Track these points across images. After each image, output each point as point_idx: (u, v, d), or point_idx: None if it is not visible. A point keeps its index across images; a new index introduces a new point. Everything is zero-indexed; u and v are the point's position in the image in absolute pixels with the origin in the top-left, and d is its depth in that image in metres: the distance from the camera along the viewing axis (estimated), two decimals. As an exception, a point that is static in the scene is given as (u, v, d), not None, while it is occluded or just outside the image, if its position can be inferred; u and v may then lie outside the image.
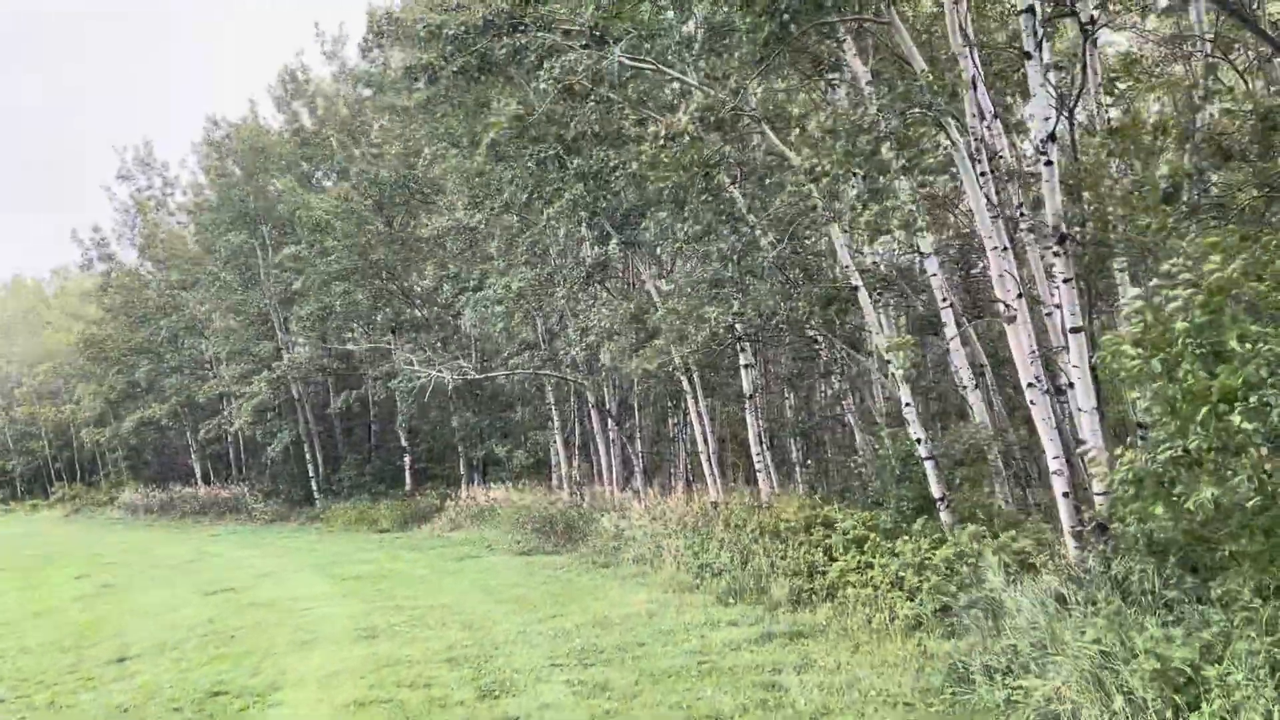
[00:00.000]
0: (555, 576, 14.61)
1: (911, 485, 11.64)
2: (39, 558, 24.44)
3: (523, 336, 24.26)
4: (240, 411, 29.91)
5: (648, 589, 12.55)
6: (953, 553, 9.06)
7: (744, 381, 15.80)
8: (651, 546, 14.94)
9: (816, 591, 10.17)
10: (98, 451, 42.61)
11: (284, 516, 31.39)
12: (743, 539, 12.54)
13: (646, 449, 21.62)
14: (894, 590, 9.12)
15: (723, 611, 10.44)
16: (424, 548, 21.06)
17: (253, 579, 16.86)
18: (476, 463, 28.26)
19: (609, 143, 14.38)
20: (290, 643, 10.48)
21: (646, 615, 10.49)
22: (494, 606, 11.99)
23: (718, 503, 15.94)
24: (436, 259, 24.67)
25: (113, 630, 12.59)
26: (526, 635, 9.89)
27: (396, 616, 11.64)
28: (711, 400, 20.14)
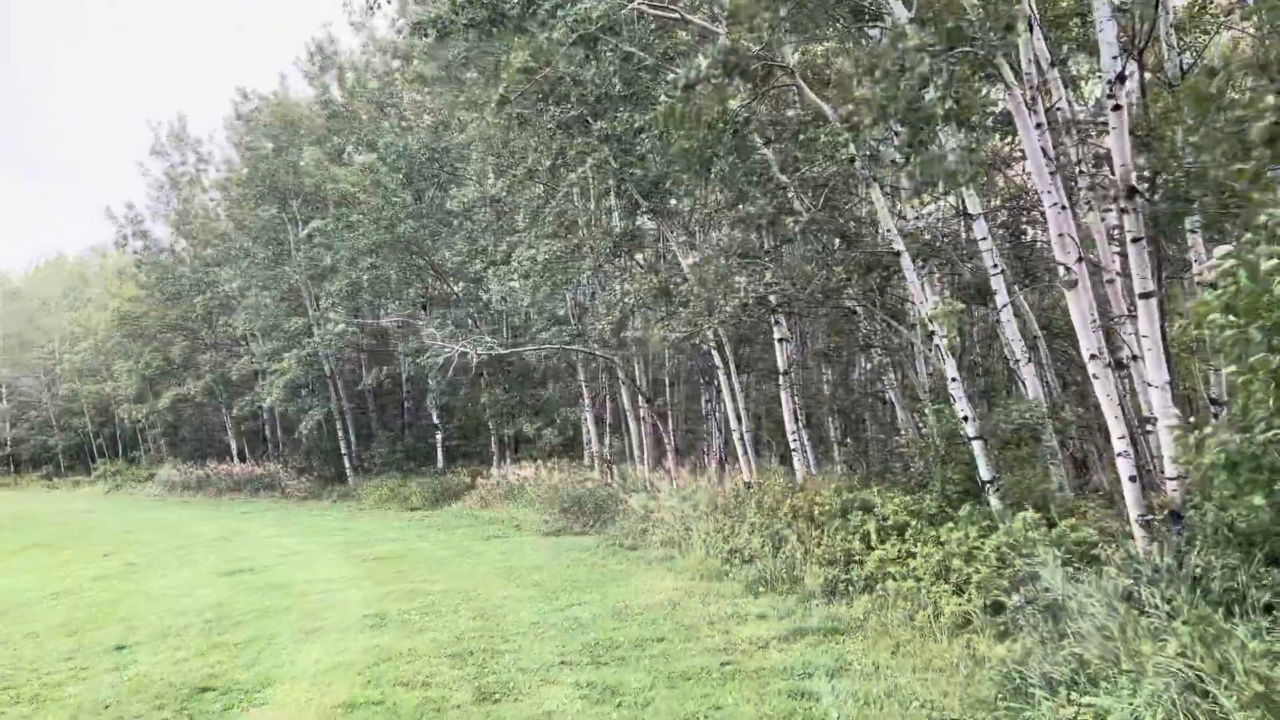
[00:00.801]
0: (579, 560, 13.98)
1: (957, 467, 10.79)
2: (74, 534, 24.34)
3: (551, 311, 23.61)
4: (271, 388, 29.65)
5: (674, 575, 11.85)
6: (1004, 542, 8.21)
7: (778, 356, 14.97)
8: (680, 529, 14.26)
9: (853, 582, 9.39)
10: (137, 428, 42.83)
11: (317, 494, 31.22)
12: (775, 523, 11.80)
13: (678, 427, 20.89)
14: (939, 583, 8.30)
15: (751, 603, 9.70)
16: (451, 527, 20.62)
17: (274, 559, 16.46)
18: (508, 440, 27.74)
19: (633, 103, 13.57)
20: (295, 631, 9.94)
21: (669, 606, 9.79)
22: (512, 592, 11.38)
23: (751, 484, 15.18)
24: (464, 232, 24.01)
25: (123, 613, 12.19)
26: (540, 626, 9.24)
27: (409, 602, 11.06)
28: (745, 377, 19.35)
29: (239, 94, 30.71)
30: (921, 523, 9.61)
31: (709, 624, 8.82)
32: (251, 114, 30.59)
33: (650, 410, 20.05)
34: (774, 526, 11.74)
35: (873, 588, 9.08)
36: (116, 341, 38.39)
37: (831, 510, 10.61)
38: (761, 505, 12.98)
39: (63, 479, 44.93)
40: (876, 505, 10.23)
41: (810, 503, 11.21)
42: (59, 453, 46.35)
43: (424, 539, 18.35)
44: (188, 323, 35.05)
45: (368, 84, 29.31)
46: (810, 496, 11.43)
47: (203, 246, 34.30)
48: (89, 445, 46.34)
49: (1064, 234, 7.98)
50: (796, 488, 13.35)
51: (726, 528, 12.95)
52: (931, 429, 11.57)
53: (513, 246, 19.57)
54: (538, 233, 19.13)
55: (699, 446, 22.20)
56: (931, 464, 11.15)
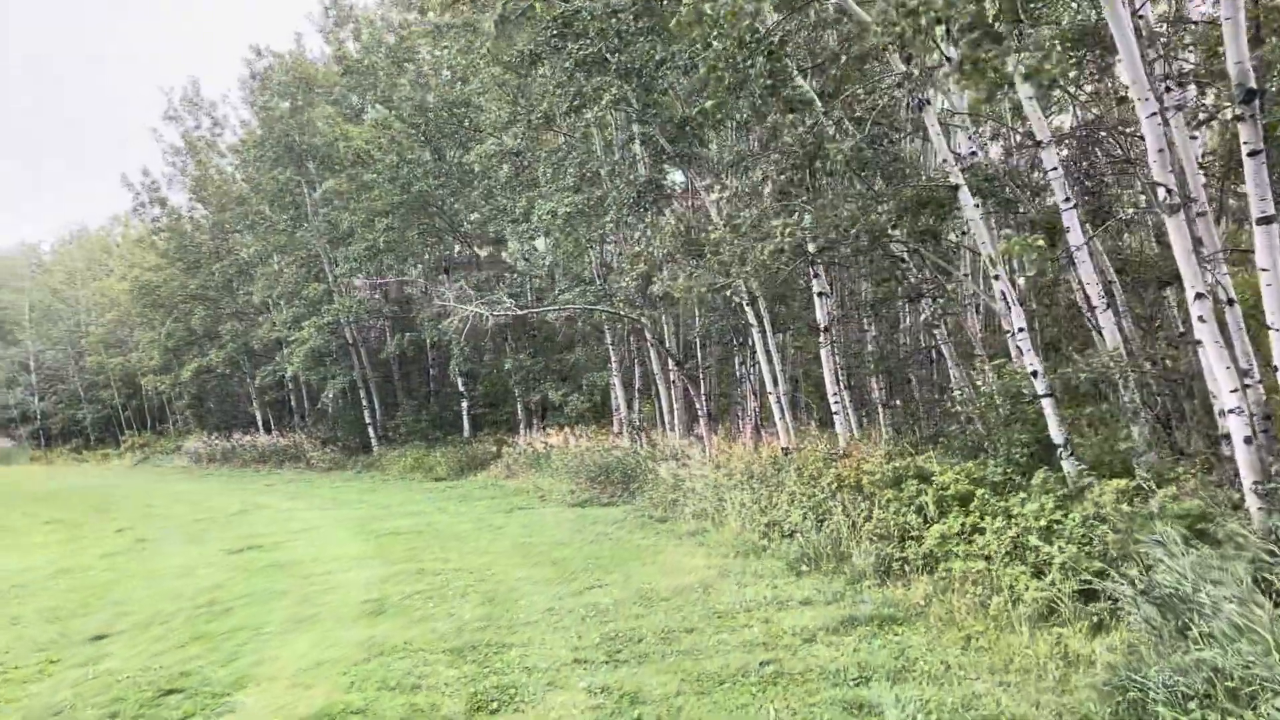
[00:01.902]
0: (605, 534, 12.95)
1: (1024, 428, 9.56)
2: (93, 508, 23.87)
3: (576, 272, 22.50)
4: (293, 357, 28.86)
5: (706, 551, 10.77)
6: (1090, 515, 7.01)
7: (818, 312, 13.74)
8: (713, 500, 13.16)
9: (910, 561, 8.22)
10: (164, 400, 42.47)
11: (341, 464, 30.54)
12: (818, 493, 10.65)
13: (711, 391, 19.74)
14: (1013, 563, 7.12)
15: (794, 584, 8.58)
16: (474, 498, 19.72)
17: (287, 535, 15.67)
18: (535, 407, 26.77)
19: (655, 35, 12.31)
20: (287, 620, 9.00)
21: (701, 588, 8.70)
22: (528, 572, 10.35)
23: (789, 450, 14.03)
24: (482, 189, 22.87)
25: (118, 595, 11.40)
26: (554, 614, 8.19)
27: (415, 584, 10.09)
28: (781, 336, 18.13)
29: (252, 52, 29.64)
30: (986, 492, 8.40)
31: (745, 611, 7.72)
32: (265, 72, 29.53)
33: (680, 373, 18.90)
34: (816, 497, 10.60)
35: (933, 568, 7.92)
36: (138, 312, 37.82)
37: (882, 479, 9.42)
38: (802, 473, 11.85)
39: (92, 452, 44.77)
40: (934, 473, 9.03)
41: (857, 471, 10.03)
42: (88, 426, 46.18)
43: (444, 511, 17.46)
44: (208, 291, 34.32)
45: (383, 39, 28.16)
46: (857, 464, 10.24)
47: (220, 212, 33.45)
48: (117, 418, 46.11)
49: (1164, 149, 6.67)
50: (840, 454, 12.17)
51: (763, 498, 11.84)
52: (992, 386, 10.35)
53: (532, 202, 18.41)
54: (558, 185, 17.99)
55: (733, 411, 21.05)
56: (993, 426, 9.94)
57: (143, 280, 35.78)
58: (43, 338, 47.26)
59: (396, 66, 26.90)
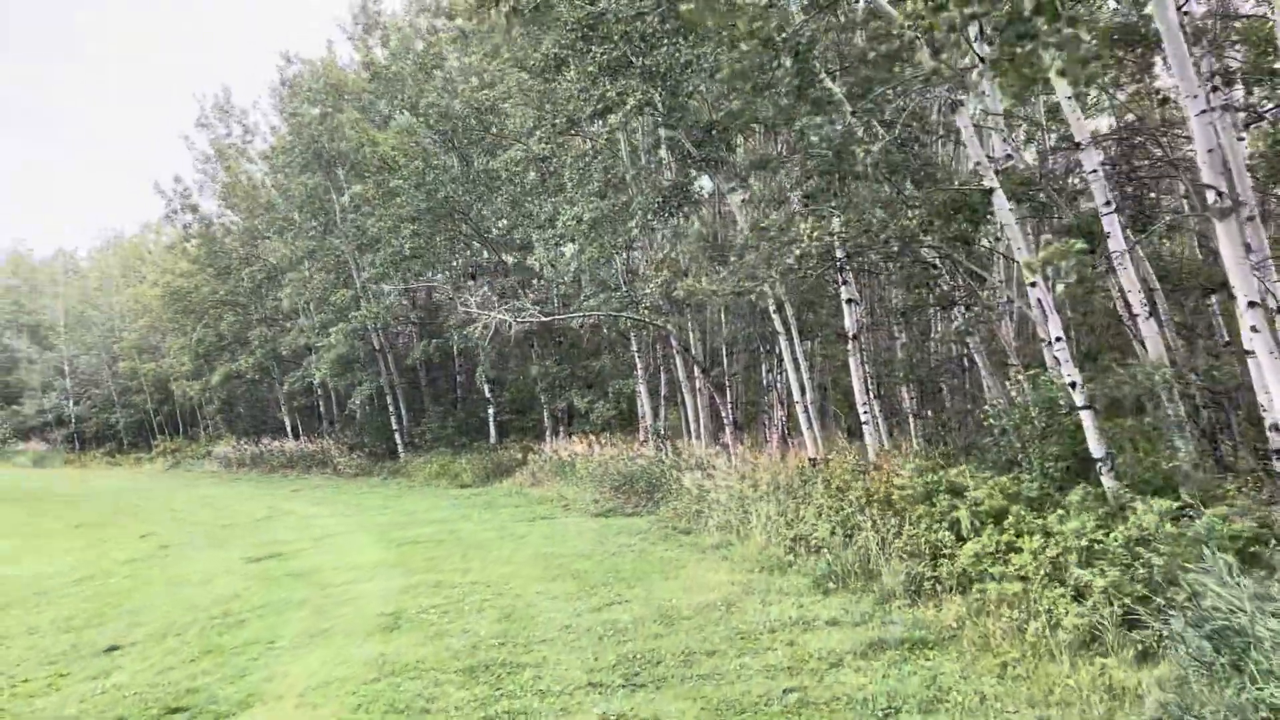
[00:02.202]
0: (628, 546, 12.68)
1: (1060, 442, 9.20)
2: (119, 513, 23.97)
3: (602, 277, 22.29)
4: (320, 363, 28.88)
5: (730, 566, 10.47)
6: (1134, 536, 6.65)
7: (846, 319, 13.42)
8: (738, 512, 12.86)
9: (942, 581, 7.88)
10: (195, 406, 42.76)
11: (368, 471, 30.51)
12: (846, 507, 10.32)
13: (737, 399, 19.43)
14: (1052, 585, 6.77)
15: (820, 603, 8.27)
16: (498, 505, 19.54)
17: (308, 542, 15.57)
18: (561, 414, 26.58)
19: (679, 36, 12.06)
20: (300, 633, 8.81)
21: (724, 606, 8.41)
22: (547, 586, 10.11)
23: (817, 461, 13.70)
24: (508, 195, 22.73)
25: (135, 604, 11.32)
26: (571, 632, 7.94)
27: (433, 598, 9.88)
28: (809, 343, 17.80)
29: (283, 59, 29.76)
30: (1022, 509, 8.05)
31: (770, 632, 7.42)
32: (295, 79, 29.64)
33: (706, 381, 18.61)
34: (844, 511, 10.27)
35: (966, 588, 7.58)
36: (169, 318, 38.11)
37: (913, 494, 9.09)
38: (829, 486, 11.52)
39: (125, 456, 45.16)
40: (967, 488, 8.68)
41: (887, 484, 9.70)
42: (121, 430, 46.59)
43: (467, 519, 17.29)
44: (238, 297, 34.50)
45: (412, 45, 28.15)
46: (887, 477, 9.91)
47: (251, 219, 33.63)
48: (149, 422, 46.50)
49: (1214, 149, 6.32)
50: (869, 466, 11.83)
51: (790, 511, 11.52)
52: (1027, 398, 9.99)
53: (557, 208, 18.21)
54: (584, 191, 17.79)
55: (759, 419, 20.73)
56: (1028, 439, 9.57)
57: (174, 286, 36.03)
58: (77, 343, 47.79)
59: (424, 73, 26.87)
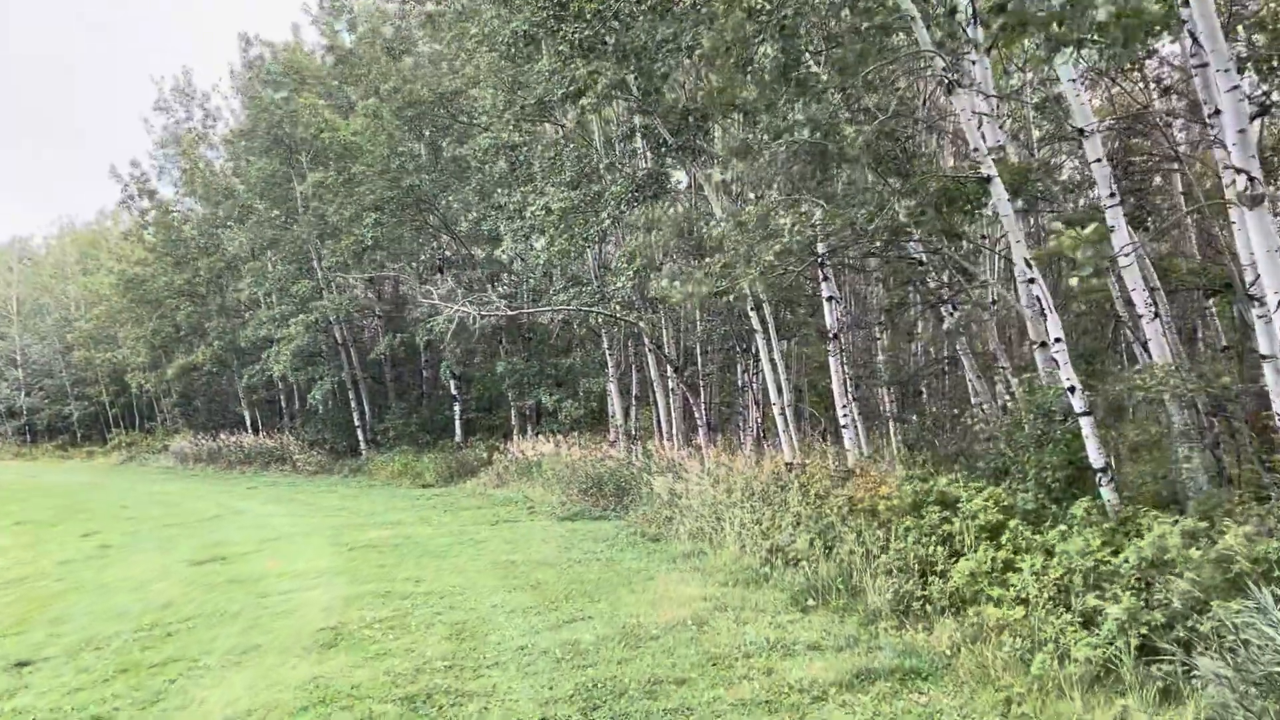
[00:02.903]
0: (592, 553, 11.97)
1: (1056, 450, 8.58)
2: (65, 509, 22.94)
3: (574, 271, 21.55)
4: (278, 356, 27.89)
5: (702, 578, 9.78)
6: (1148, 556, 6.02)
7: (827, 317, 12.79)
8: (711, 518, 12.19)
9: (933, 601, 7.24)
10: (153, 398, 41.48)
11: (328, 468, 29.60)
12: (825, 516, 9.67)
13: (711, 400, 18.76)
14: (1056, 610, 6.14)
15: (799, 623, 7.59)
16: (459, 508, 18.76)
17: (256, 544, 14.74)
18: (529, 412, 25.79)
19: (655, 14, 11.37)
20: (230, 650, 8.01)
21: (695, 625, 7.71)
22: (504, 598, 9.37)
23: (794, 465, 13.05)
24: (477, 185, 21.93)
25: (60, 612, 10.46)
26: (527, 653, 7.21)
27: (380, 610, 9.11)
28: (787, 343, 17.16)
29: (242, 41, 28.71)
30: (1019, 523, 7.43)
31: (745, 657, 6.73)
32: (255, 61, 28.59)
33: (679, 381, 17.93)
34: (824, 519, 9.63)
35: (960, 609, 6.94)
36: (125, 307, 36.85)
37: (900, 504, 8.44)
38: (807, 492, 10.88)
39: (77, 449, 43.80)
40: (961, 500, 8.04)
41: (873, 493, 9.05)
42: (75, 422, 45.18)
43: (426, 522, 16.50)
44: (196, 288, 33.32)
45: (380, 29, 27.23)
46: (873, 485, 9.26)
47: (211, 207, 32.50)
48: (105, 415, 45.13)
49: (1246, 129, 5.70)
50: (852, 473, 11.20)
51: (765, 518, 10.87)
52: (1021, 403, 9.39)
53: (526, 198, 17.45)
54: (555, 181, 17.04)
55: (734, 421, 20.09)
56: (1022, 447, 8.95)
57: (129, 275, 34.77)
58: (30, 332, 46.29)
59: (392, 58, 25.98)
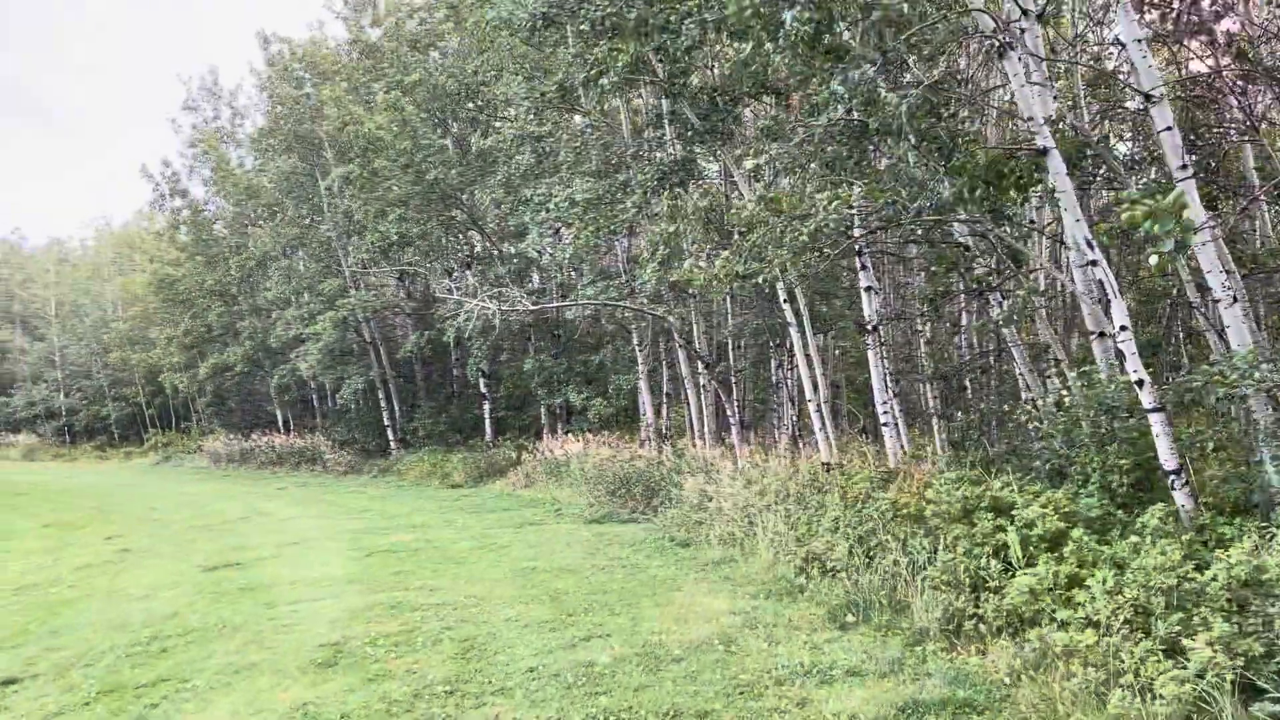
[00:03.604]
0: (618, 560, 11.33)
1: (1121, 450, 7.78)
2: (95, 511, 22.76)
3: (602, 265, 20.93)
4: (307, 355, 27.57)
5: (731, 589, 9.10)
6: (1240, 575, 5.24)
7: (865, 308, 12.03)
8: (743, 523, 11.49)
9: (987, 620, 6.48)
10: (188, 398, 41.52)
11: (357, 468, 29.27)
12: (865, 521, 8.94)
13: (744, 397, 18.04)
14: (1134, 635, 5.37)
15: (837, 643, 6.87)
16: (486, 509, 18.23)
17: (274, 549, 14.29)
18: (559, 411, 25.20)
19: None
20: (222, 669, 7.47)
21: (722, 645, 7.02)
22: (519, 610, 8.75)
23: (831, 466, 12.31)
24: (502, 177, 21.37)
25: (63, 623, 10.03)
26: (537, 676, 6.56)
27: (387, 624, 8.54)
28: (822, 337, 16.39)
29: (261, 39, 28.39)
30: (1083, 533, 6.65)
31: (776, 684, 6.03)
32: (275, 58, 28.26)
33: (711, 377, 17.22)
34: (864, 525, 8.89)
35: (1019, 630, 6.19)
36: (158, 307, 36.83)
37: (949, 510, 7.68)
38: (846, 495, 10.14)
39: (115, 450, 43.98)
40: (1016, 505, 7.27)
41: (918, 497, 8.30)
42: (112, 423, 45.38)
43: (450, 525, 15.98)
44: (226, 287, 33.15)
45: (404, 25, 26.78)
46: (917, 488, 8.50)
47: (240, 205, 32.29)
48: (141, 416, 45.30)
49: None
50: (892, 473, 10.44)
51: (800, 524, 10.14)
52: (1081, 398, 8.56)
53: (550, 189, 16.84)
54: (580, 171, 16.42)
55: (768, 419, 19.34)
56: (1081, 446, 8.15)
57: (162, 274, 34.72)
58: (68, 333, 46.59)
59: (418, 51, 25.52)
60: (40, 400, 46.95)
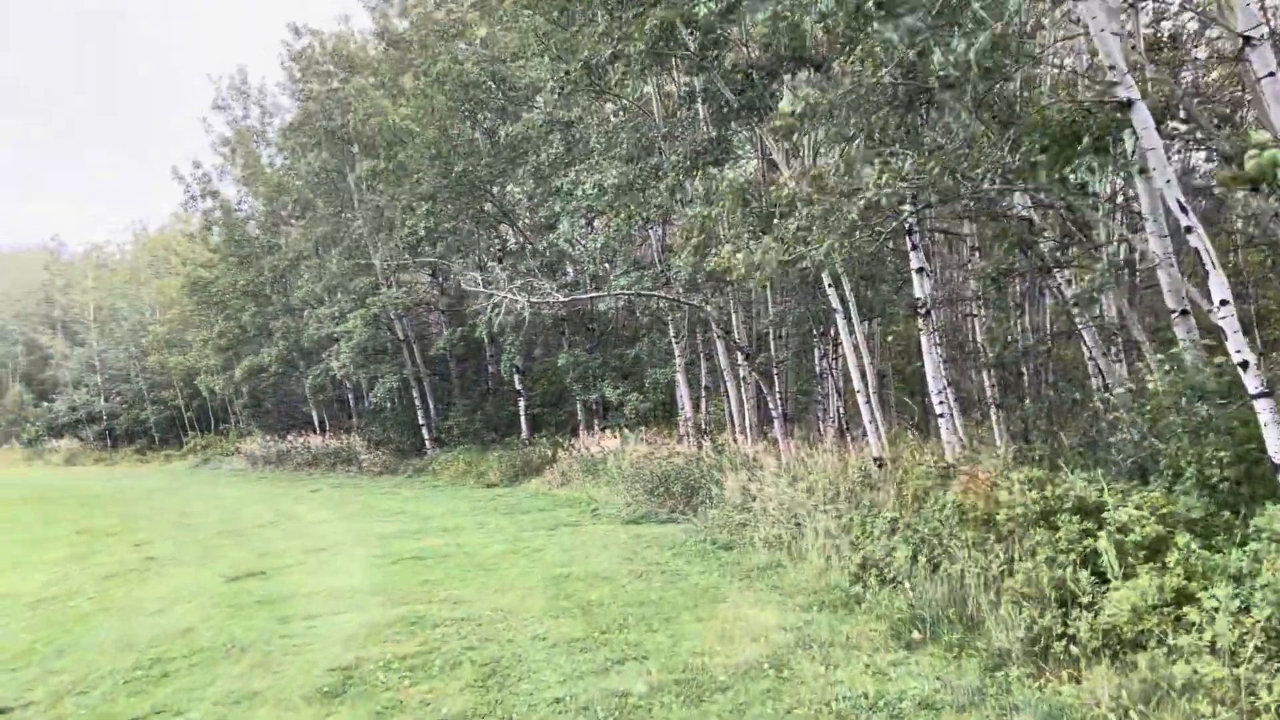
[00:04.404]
0: (657, 565, 10.58)
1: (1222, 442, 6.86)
2: (129, 516, 22.53)
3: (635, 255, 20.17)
4: (338, 353, 27.14)
5: (780, 599, 8.31)
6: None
7: (917, 289, 11.14)
8: (790, 523, 10.69)
9: (1080, 641, 5.63)
10: (225, 400, 41.46)
11: (393, 468, 28.81)
12: (926, 523, 8.10)
13: (786, 389, 17.18)
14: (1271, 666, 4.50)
15: (904, 666, 6.06)
16: (520, 510, 17.59)
17: (300, 556, 13.78)
18: (595, 406, 24.50)
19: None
20: (223, 698, 6.83)
21: (773, 669, 6.24)
22: (549, 626, 8.02)
23: (883, 460, 11.45)
24: (532, 166, 20.69)
25: (71, 641, 9.52)
26: (562, 710, 5.81)
27: (405, 643, 7.86)
28: (868, 324, 15.49)
29: (290, 31, 27.98)
30: (1188, 538, 5.76)
31: (837, 718, 5.24)
32: (303, 52, 27.82)
33: (751, 368, 16.38)
34: (925, 526, 8.05)
35: (1118, 653, 5.34)
36: (192, 310, 36.71)
37: (1025, 511, 6.81)
38: (901, 494, 9.31)
39: (155, 453, 44.07)
40: (1105, 506, 6.38)
41: (986, 497, 7.43)
42: (152, 426, 45.50)
43: (482, 528, 15.35)
44: (260, 287, 32.87)
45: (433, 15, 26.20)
46: (984, 487, 7.63)
47: (271, 204, 31.99)
48: (180, 419, 45.36)
49: None
50: (951, 468, 9.57)
51: (854, 525, 9.32)
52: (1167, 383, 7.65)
53: (579, 175, 16.11)
54: (611, 157, 15.67)
55: (812, 411, 18.46)
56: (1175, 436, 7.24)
57: (195, 276, 34.55)
58: (107, 337, 46.80)
59: (445, 41, 24.92)
60: (81, 405, 47.26)
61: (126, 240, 57.36)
